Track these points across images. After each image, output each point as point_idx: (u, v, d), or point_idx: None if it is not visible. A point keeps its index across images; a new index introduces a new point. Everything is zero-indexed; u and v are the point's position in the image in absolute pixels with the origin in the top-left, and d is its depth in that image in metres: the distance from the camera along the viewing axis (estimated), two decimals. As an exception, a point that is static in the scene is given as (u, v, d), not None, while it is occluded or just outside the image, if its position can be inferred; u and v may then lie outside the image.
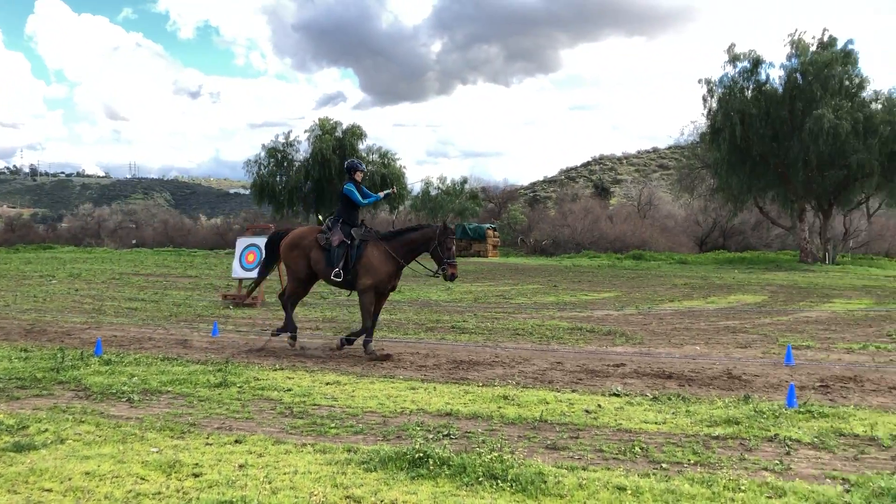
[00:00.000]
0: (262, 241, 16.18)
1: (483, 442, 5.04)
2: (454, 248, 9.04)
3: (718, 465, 4.66)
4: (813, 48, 34.27)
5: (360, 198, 9.42)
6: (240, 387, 6.98)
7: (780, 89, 34.50)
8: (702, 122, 37.58)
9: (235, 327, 11.71)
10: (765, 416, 5.87)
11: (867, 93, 34.09)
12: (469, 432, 5.40)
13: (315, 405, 6.33)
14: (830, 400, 6.68)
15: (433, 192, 51.54)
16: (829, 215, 36.64)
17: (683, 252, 42.76)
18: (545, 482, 4.19)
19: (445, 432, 5.38)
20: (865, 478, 4.35)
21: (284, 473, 4.40)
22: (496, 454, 4.52)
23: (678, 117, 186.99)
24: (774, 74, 35.40)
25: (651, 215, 52.66)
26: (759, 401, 6.43)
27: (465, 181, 53.41)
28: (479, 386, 7.17)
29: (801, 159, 33.03)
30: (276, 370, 7.96)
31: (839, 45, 34.02)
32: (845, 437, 5.39)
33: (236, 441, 5.13)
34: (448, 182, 52.58)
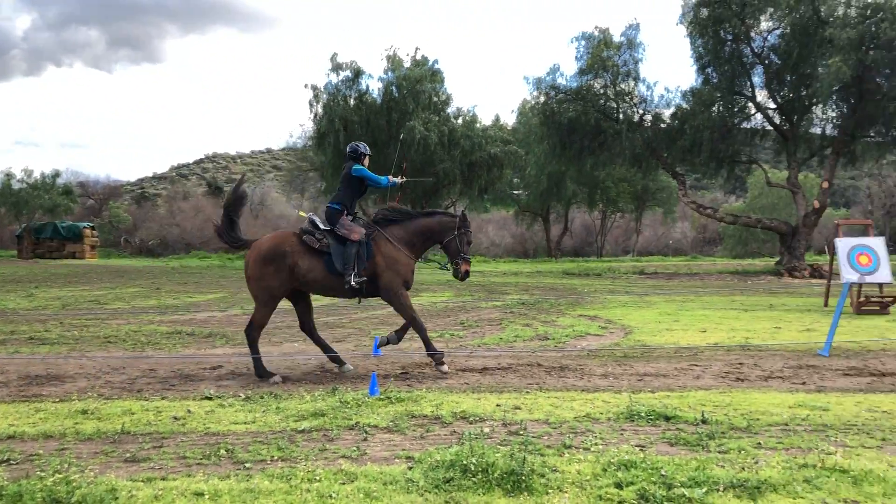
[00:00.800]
0: None
1: (48, 464, 4.55)
2: (471, 241, 8.23)
3: (300, 458, 4.81)
4: (407, 64, 37.75)
5: (379, 179, 8.12)
6: None
7: (379, 100, 37.31)
8: (310, 126, 39.00)
9: None
10: (349, 405, 6.25)
11: (451, 109, 38.71)
12: (34, 455, 4.84)
13: None
14: (408, 385, 7.37)
15: (16, 186, 45.26)
16: (422, 218, 40.61)
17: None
18: (117, 499, 3.94)
19: (4, 458, 4.75)
20: (427, 453, 4.84)
21: None
22: (61, 476, 4.11)
23: (292, 119, 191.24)
24: (374, 86, 38.15)
25: (264, 215, 52.97)
26: (346, 392, 6.83)
27: (57, 175, 47.85)
28: (54, 402, 6.48)
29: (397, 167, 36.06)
30: None
31: (429, 63, 37.96)
32: (416, 418, 5.96)
33: None
34: (36, 175, 46.59)
